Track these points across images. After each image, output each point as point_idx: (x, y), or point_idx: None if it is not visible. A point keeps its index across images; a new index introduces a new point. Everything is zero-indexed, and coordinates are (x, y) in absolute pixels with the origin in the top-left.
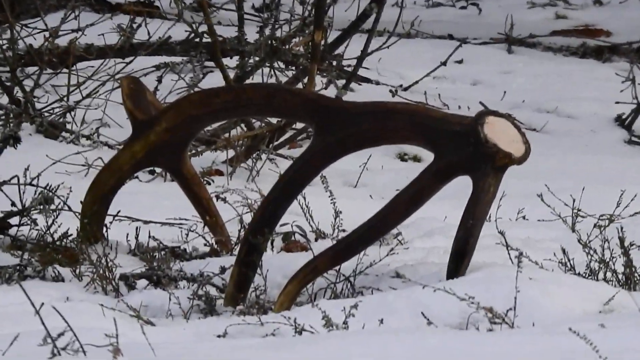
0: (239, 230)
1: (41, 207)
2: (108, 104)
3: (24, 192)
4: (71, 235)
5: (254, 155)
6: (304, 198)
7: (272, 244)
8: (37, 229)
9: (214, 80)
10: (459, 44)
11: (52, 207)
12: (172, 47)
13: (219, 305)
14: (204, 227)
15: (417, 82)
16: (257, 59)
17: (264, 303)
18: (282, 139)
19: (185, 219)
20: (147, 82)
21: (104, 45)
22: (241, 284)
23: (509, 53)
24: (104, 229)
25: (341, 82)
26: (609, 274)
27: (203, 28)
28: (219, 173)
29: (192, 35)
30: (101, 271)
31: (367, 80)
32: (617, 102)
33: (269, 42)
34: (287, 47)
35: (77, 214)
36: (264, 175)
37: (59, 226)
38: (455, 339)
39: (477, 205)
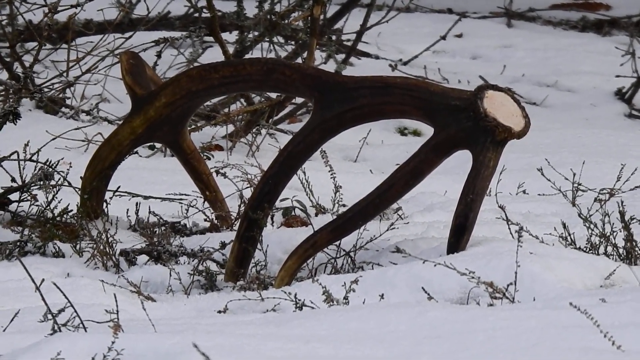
0: (239, 206)
1: (41, 182)
2: (107, 79)
3: (23, 168)
4: (71, 211)
5: (254, 130)
6: (304, 173)
7: (272, 219)
8: (37, 205)
9: (213, 55)
10: (458, 18)
11: (52, 182)
12: (172, 22)
13: (219, 280)
14: (204, 202)
15: (416, 56)
16: (256, 33)
17: (265, 278)
18: (281, 114)
19: (185, 195)
20: (146, 57)
21: (103, 20)
22: (241, 260)
23: (509, 27)
24: (104, 204)
25: (340, 57)
26: (609, 249)
27: (202, 3)
28: (219, 148)
29: (191, 10)
30: (101, 247)
31: (366, 55)
32: (617, 76)
33: (268, 16)
34: (286, 21)
35: (77, 189)
36: (263, 150)
37: (59, 202)
38: (456, 313)
39: (477, 179)
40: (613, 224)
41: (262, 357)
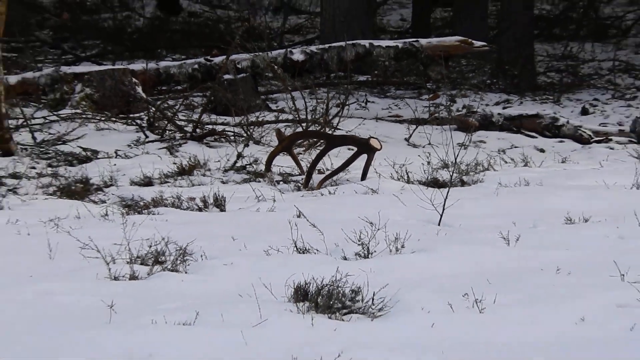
0: (307, 168)
1: (253, 163)
2: (272, 137)
3: (247, 160)
4: (262, 170)
5: (310, 149)
6: (323, 160)
7: (316, 172)
8: (252, 169)
9: (299, 129)
10: (362, 119)
11: (257, 163)
12: (288, 120)
13: (301, 188)
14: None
15: (351, 130)
16: (309, 124)
17: (313, 188)
18: (317, 144)
19: (291, 167)
20: (282, 129)
21: (272, 120)
22: (307, 182)
23: (376, 122)
24: (271, 169)
25: (331, 129)
26: (404, 179)
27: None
28: (300, 153)
29: (294, 117)
30: (270, 180)
31: (338, 129)
32: (405, 135)
33: (312, 117)
34: (316, 118)
35: (264, 164)
36: (312, 153)
37: (259, 168)
38: (364, 197)
39: (368, 163)
40: (403, 173)
41: (311, 209)
